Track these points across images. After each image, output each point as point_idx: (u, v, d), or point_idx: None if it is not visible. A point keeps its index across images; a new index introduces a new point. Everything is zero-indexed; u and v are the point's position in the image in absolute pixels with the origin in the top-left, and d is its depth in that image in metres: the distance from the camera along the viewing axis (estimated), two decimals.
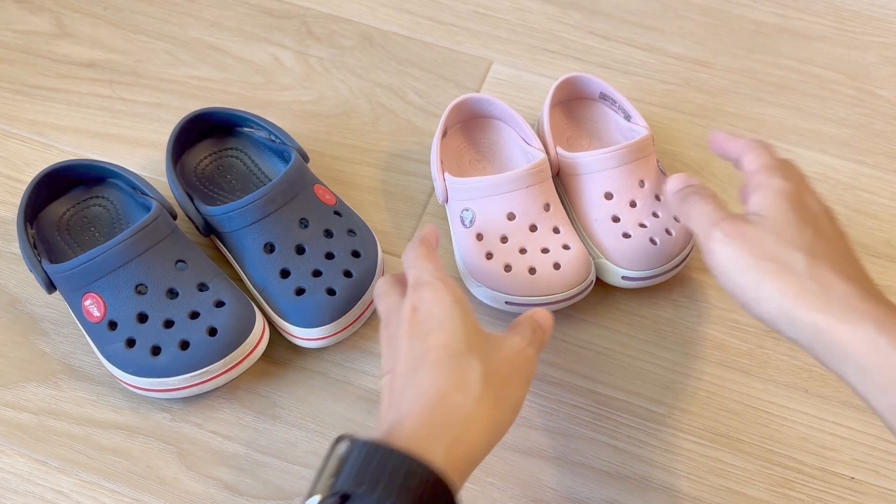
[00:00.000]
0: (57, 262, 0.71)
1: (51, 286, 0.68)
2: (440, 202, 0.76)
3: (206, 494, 0.65)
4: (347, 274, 0.68)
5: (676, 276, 0.74)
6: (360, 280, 0.68)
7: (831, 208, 0.57)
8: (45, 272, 0.68)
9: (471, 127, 0.80)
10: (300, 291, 0.67)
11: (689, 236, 0.72)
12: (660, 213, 0.72)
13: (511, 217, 0.70)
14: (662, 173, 0.74)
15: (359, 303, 0.68)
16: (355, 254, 0.70)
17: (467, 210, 0.72)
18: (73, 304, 0.68)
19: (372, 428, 0.68)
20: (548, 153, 0.74)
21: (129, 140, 0.82)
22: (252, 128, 0.77)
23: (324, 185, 0.73)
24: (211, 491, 0.65)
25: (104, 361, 0.67)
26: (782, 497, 0.66)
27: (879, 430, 0.69)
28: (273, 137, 0.76)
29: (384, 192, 0.79)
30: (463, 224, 0.72)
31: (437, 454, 0.48)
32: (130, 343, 0.66)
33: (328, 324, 0.67)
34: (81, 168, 0.74)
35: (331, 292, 0.67)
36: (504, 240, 0.70)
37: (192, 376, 0.65)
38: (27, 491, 0.65)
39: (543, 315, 0.60)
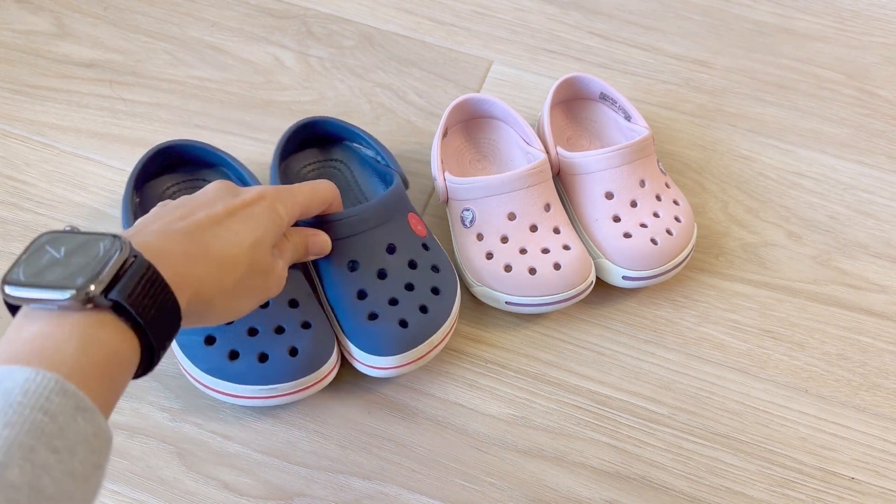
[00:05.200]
0: None
1: None
2: (440, 202, 0.76)
3: (206, 494, 0.65)
4: (423, 309, 0.67)
5: (676, 276, 0.74)
6: (435, 318, 0.67)
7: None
8: None
9: (471, 127, 0.80)
10: (373, 316, 0.66)
11: (689, 236, 0.72)
12: (660, 213, 0.72)
13: (511, 217, 0.70)
14: (663, 173, 0.74)
15: (428, 340, 0.66)
16: (435, 290, 0.68)
17: (468, 210, 0.72)
18: None
19: (372, 428, 0.68)
20: (548, 153, 0.74)
21: (129, 140, 0.82)
22: (361, 144, 0.77)
23: (418, 215, 0.72)
24: (211, 491, 0.65)
25: (177, 350, 0.67)
26: (782, 497, 0.66)
27: (879, 430, 0.69)
28: (379, 158, 0.75)
29: None
30: (463, 224, 0.72)
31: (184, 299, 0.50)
32: (210, 340, 0.65)
33: (394, 355, 0.66)
34: (196, 150, 0.74)
35: (403, 324, 0.66)
36: (504, 240, 0.70)
37: (261, 389, 0.64)
38: None
39: (317, 241, 0.65)
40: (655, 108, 0.85)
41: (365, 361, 0.66)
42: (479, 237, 0.71)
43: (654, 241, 0.70)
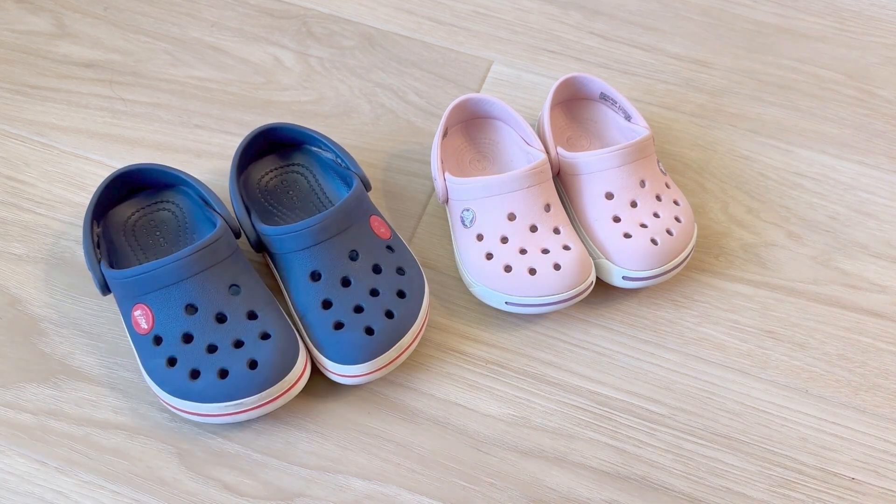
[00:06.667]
0: (118, 264, 0.71)
1: (105, 289, 0.68)
2: (440, 202, 0.76)
3: (206, 495, 0.65)
4: (389, 314, 0.67)
5: (676, 276, 0.74)
6: (401, 322, 0.67)
7: None
8: (103, 275, 0.67)
9: (471, 127, 0.80)
10: (339, 325, 0.66)
11: (689, 236, 0.72)
12: (661, 214, 0.72)
13: (511, 217, 0.70)
14: (663, 173, 0.74)
15: (396, 346, 0.66)
16: (401, 294, 0.68)
17: (468, 210, 0.72)
18: (123, 311, 0.68)
19: (372, 428, 0.68)
20: (548, 153, 0.74)
21: (129, 140, 0.82)
22: (320, 148, 0.77)
23: (381, 217, 0.72)
24: (211, 491, 0.65)
25: (144, 375, 0.67)
26: (782, 497, 0.66)
27: (880, 430, 0.69)
28: (339, 161, 0.75)
29: (384, 192, 0.79)
30: (463, 224, 0.72)
31: None
32: (172, 362, 0.65)
33: (361, 363, 0.66)
34: (154, 172, 0.74)
35: (369, 331, 0.66)
36: (504, 240, 0.70)
37: (226, 406, 0.64)
38: (27, 491, 0.65)
39: None
40: (655, 109, 0.85)
41: (334, 370, 0.66)
42: (479, 237, 0.71)
43: (654, 242, 0.70)
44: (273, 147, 0.78)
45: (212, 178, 0.78)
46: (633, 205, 0.72)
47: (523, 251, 0.70)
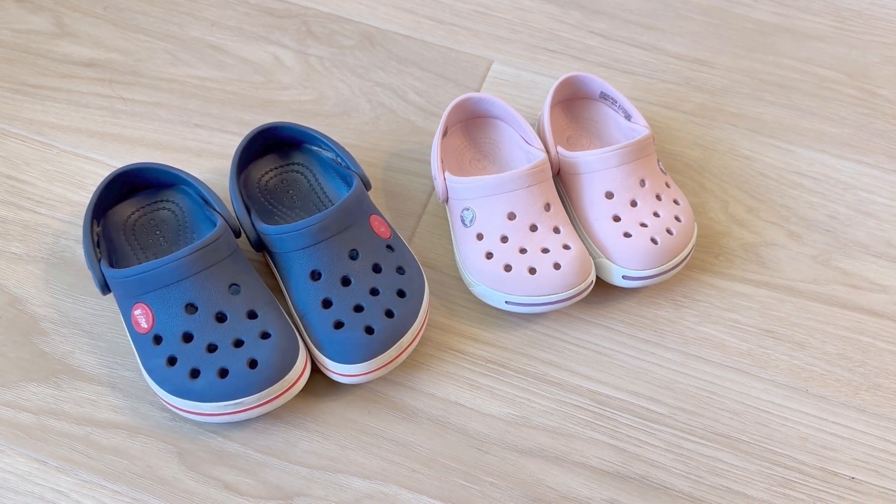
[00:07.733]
0: (118, 263, 0.71)
1: (105, 288, 0.68)
2: (440, 202, 0.76)
3: (206, 494, 0.65)
4: (389, 314, 0.67)
5: (676, 276, 0.74)
6: (401, 321, 0.67)
7: None
8: (103, 274, 0.68)
9: (471, 126, 0.80)
10: (339, 325, 0.66)
11: (689, 236, 0.72)
12: (661, 213, 0.72)
13: (511, 217, 0.70)
14: (663, 173, 0.74)
15: (396, 345, 0.66)
16: (401, 293, 0.68)
17: (468, 209, 0.72)
18: (123, 311, 0.68)
19: (372, 428, 0.68)
20: (548, 152, 0.74)
21: (128, 140, 0.82)
22: (320, 147, 0.77)
23: (381, 217, 0.72)
24: (211, 490, 0.65)
25: (144, 374, 0.67)
26: (782, 497, 0.66)
27: (880, 430, 0.69)
28: (339, 160, 0.75)
29: (384, 191, 0.79)
30: (463, 224, 0.72)
31: None
32: (172, 361, 0.65)
33: (361, 362, 0.66)
34: (154, 171, 0.74)
35: (369, 330, 0.66)
36: (504, 240, 0.70)
37: (226, 405, 0.64)
38: (27, 491, 0.65)
39: None
40: (656, 108, 0.85)
41: (334, 370, 0.67)
42: (479, 237, 0.71)
43: (654, 241, 0.70)
44: (273, 146, 0.78)
45: (212, 178, 0.78)
46: (633, 204, 0.72)
47: (523, 250, 0.70)
